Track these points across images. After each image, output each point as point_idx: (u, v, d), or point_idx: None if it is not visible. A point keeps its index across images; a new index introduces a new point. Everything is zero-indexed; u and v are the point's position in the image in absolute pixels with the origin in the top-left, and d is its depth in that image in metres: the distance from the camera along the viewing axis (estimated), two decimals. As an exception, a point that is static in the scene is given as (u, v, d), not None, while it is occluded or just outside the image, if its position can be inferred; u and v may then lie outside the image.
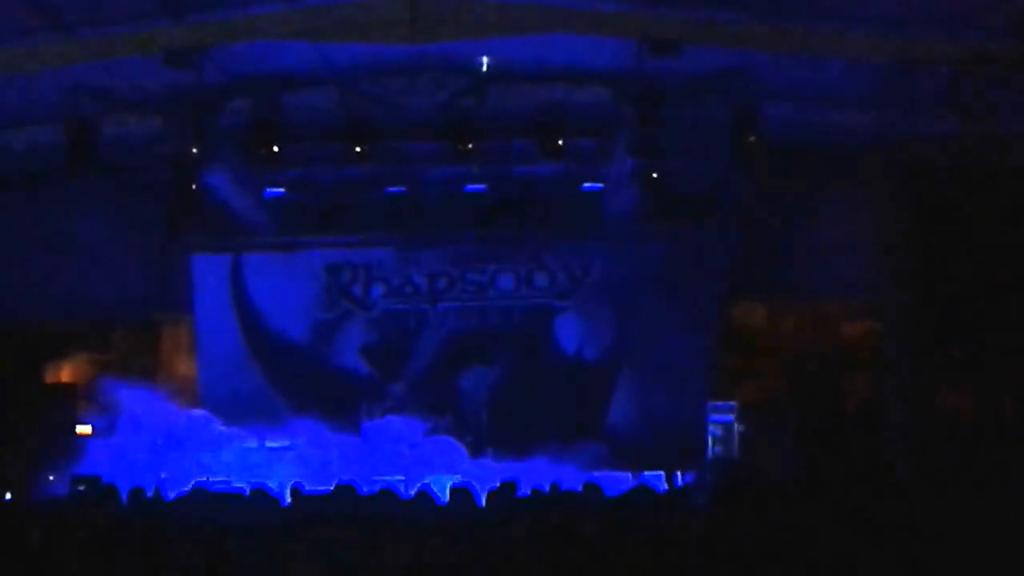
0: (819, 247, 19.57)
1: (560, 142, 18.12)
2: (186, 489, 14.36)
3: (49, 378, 20.44)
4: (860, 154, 17.52)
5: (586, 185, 19.99)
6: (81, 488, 16.03)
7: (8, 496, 17.06)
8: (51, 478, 18.10)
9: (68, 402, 19.56)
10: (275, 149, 17.92)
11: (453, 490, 10.75)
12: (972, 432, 14.56)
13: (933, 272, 15.29)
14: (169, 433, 19.30)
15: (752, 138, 16.56)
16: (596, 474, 17.18)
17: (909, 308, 16.05)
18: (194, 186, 18.28)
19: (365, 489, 12.41)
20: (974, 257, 15.38)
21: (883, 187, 16.41)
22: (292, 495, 12.58)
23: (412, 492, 11.36)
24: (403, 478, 17.71)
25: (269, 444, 19.49)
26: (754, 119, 16.53)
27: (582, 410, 20.47)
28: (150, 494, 12.55)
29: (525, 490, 12.23)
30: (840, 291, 19.70)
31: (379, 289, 21.08)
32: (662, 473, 17.98)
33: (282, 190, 20.05)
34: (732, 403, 19.30)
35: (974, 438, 14.42)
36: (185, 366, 20.82)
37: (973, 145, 14.70)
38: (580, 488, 11.56)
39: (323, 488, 13.71)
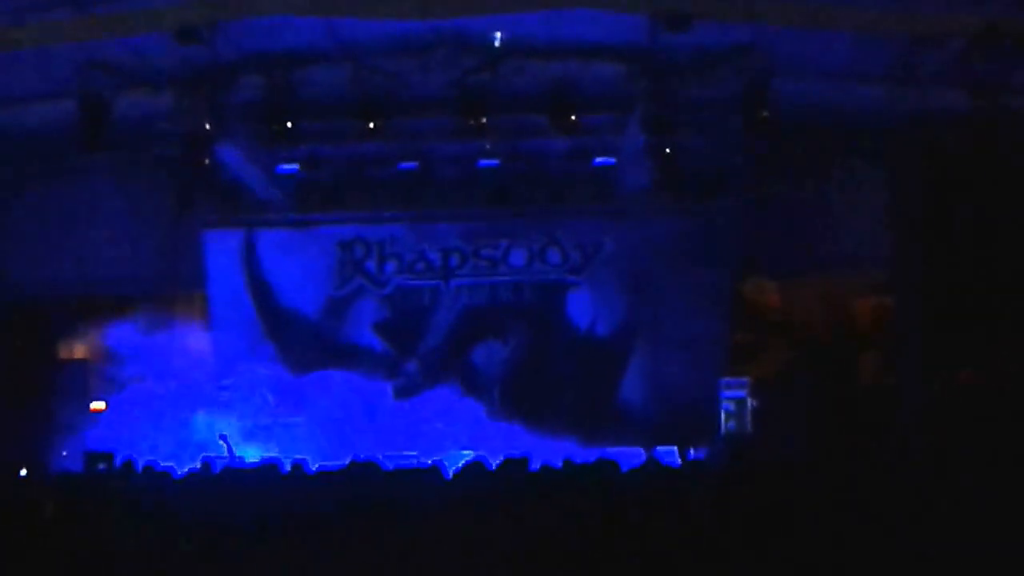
0: (831, 223, 19.53)
1: (573, 117, 18.07)
2: (197, 465, 14.48)
3: (63, 354, 20.53)
4: (872, 130, 17.46)
5: (599, 160, 19.94)
6: (102, 466, 16.13)
7: (24, 471, 17.15)
8: (64, 453, 18.23)
9: (82, 378, 19.67)
10: (288, 125, 17.92)
11: (465, 466, 10.78)
12: (985, 409, 14.52)
13: (946, 248, 15.25)
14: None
15: (764, 114, 16.50)
16: (609, 449, 17.23)
17: (922, 284, 16.01)
18: (207, 162, 18.29)
19: (381, 465, 12.46)
20: (987, 233, 15.33)
21: (896, 163, 16.34)
22: (295, 470, 12.61)
23: (424, 467, 11.38)
24: (416, 453, 17.80)
25: (281, 419, 19.62)
26: (766, 95, 16.47)
27: (595, 386, 20.49)
28: (161, 468, 12.61)
29: (536, 465, 12.25)
30: (853, 267, 19.66)
31: (392, 265, 21.09)
32: (675, 449, 18.01)
33: (295, 166, 20.02)
34: (745, 379, 19.32)
35: (987, 415, 14.38)
36: (198, 342, 20.86)
37: (985, 120, 14.63)
38: (593, 463, 11.58)
39: (336, 464, 13.77)
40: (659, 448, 17.80)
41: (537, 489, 9.66)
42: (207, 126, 17.54)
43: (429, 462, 13.97)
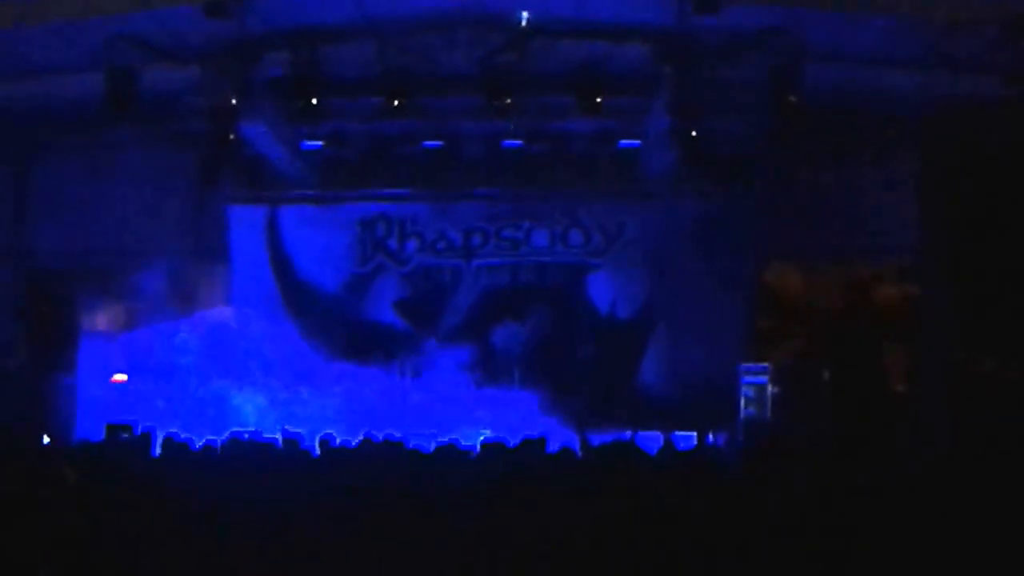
0: (857, 210, 19.42)
1: (599, 99, 18.00)
2: (221, 438, 14.50)
3: (85, 325, 20.60)
4: (902, 117, 17.34)
5: (624, 142, 19.90)
6: (124, 436, 16.21)
7: (46, 440, 17.25)
8: (86, 424, 18.30)
9: (104, 349, 19.76)
10: (313, 102, 17.90)
11: (483, 445, 10.80)
12: (1010, 399, 14.43)
13: (974, 237, 15.14)
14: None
15: (792, 98, 16.40)
16: (627, 433, 17.22)
17: (948, 273, 15.91)
18: (232, 137, 18.30)
19: (402, 443, 12.48)
20: (1016, 222, 15.21)
21: (925, 150, 16.21)
22: (322, 446, 12.65)
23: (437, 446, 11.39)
24: (434, 431, 17.83)
25: (301, 394, 19.69)
26: (794, 79, 16.35)
27: (614, 368, 20.48)
28: (181, 440, 12.65)
29: (554, 447, 12.25)
30: (878, 254, 19.57)
31: (414, 243, 21.12)
32: (694, 433, 17.99)
33: (319, 143, 20.05)
34: (765, 365, 19.27)
35: (1012, 405, 14.30)
36: (220, 316, 20.90)
37: (1018, 107, 14.50)
38: (611, 445, 11.57)
39: (354, 440, 13.81)
40: (677, 432, 17.78)
41: (555, 470, 9.67)
42: (233, 101, 17.52)
43: (447, 440, 14.02)
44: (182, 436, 13.45)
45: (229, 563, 6.79)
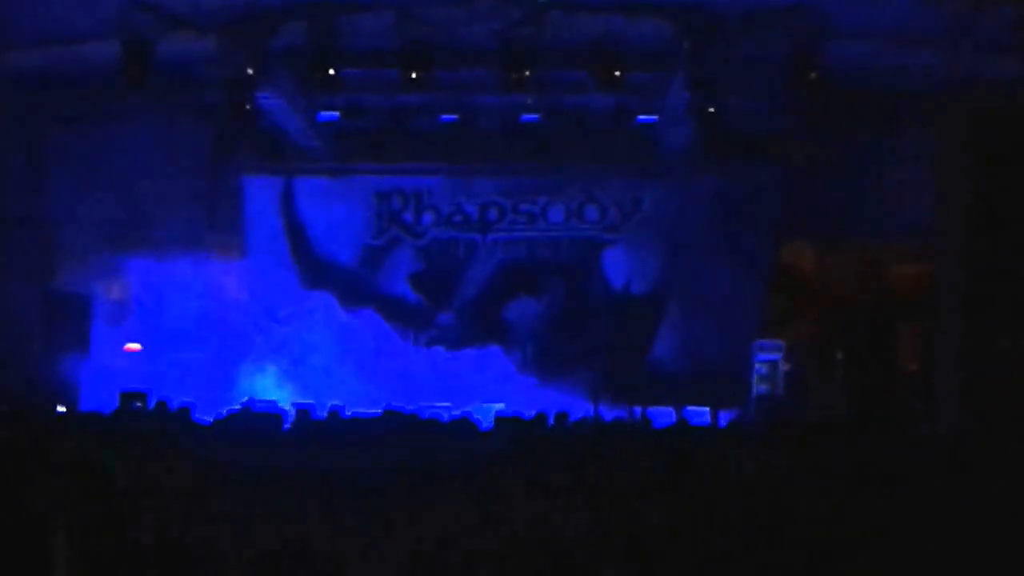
0: (875, 189, 19.33)
1: (617, 74, 17.91)
2: (234, 408, 14.56)
3: (99, 294, 20.65)
4: (923, 96, 17.23)
5: (641, 118, 19.82)
6: (136, 404, 16.29)
7: (61, 408, 17.32)
8: (99, 393, 18.38)
9: (117, 319, 19.82)
10: (330, 73, 17.84)
11: (498, 419, 10.81)
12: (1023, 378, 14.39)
13: (990, 218, 15.08)
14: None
15: (812, 76, 16.29)
16: (639, 408, 17.26)
17: (964, 254, 15.84)
18: (247, 108, 18.27)
19: (411, 415, 12.51)
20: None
21: (945, 130, 16.11)
22: (333, 417, 12.69)
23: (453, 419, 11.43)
24: (448, 404, 17.88)
25: (314, 365, 19.78)
26: (815, 56, 16.25)
27: (627, 344, 20.48)
28: (194, 410, 12.70)
29: (567, 421, 12.27)
30: (893, 235, 19.48)
31: (429, 217, 21.12)
32: (706, 409, 18.02)
33: (336, 114, 20.01)
34: (779, 342, 19.25)
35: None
36: (234, 286, 20.94)
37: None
38: (623, 420, 11.60)
39: (368, 412, 13.85)
40: (689, 408, 17.81)
41: (568, 444, 9.67)
42: (249, 71, 17.48)
43: (459, 413, 14.07)
44: (194, 405, 13.51)
45: (242, 532, 6.80)
